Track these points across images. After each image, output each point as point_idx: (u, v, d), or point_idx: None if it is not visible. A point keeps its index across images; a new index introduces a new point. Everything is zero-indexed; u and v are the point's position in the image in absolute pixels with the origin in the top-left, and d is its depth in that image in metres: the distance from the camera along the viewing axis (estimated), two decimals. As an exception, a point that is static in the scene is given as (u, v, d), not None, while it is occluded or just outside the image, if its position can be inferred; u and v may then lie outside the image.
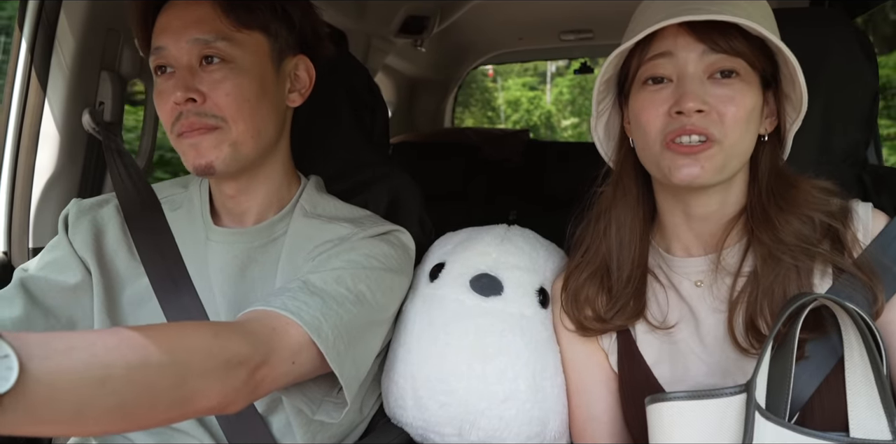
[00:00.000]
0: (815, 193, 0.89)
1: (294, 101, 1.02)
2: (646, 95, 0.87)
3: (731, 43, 0.83)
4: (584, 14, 3.03)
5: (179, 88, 0.90)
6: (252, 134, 0.94)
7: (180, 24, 0.92)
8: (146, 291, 1.01)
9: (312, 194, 1.07)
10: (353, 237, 0.98)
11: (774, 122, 0.91)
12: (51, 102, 1.26)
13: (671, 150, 0.84)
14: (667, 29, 0.85)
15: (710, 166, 0.84)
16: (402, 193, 1.26)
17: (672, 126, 0.84)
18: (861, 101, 1.11)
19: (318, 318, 0.82)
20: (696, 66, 0.84)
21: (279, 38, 0.97)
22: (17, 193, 1.28)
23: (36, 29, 1.24)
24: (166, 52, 0.93)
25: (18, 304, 0.96)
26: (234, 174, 0.98)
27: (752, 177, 0.92)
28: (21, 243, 1.28)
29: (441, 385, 1.00)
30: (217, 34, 0.91)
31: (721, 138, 0.83)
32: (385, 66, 3.14)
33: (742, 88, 0.84)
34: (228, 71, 0.92)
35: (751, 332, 0.87)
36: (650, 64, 0.87)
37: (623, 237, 0.96)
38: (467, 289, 1.03)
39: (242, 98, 0.92)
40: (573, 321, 1.00)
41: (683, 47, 0.84)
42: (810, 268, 0.86)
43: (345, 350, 0.85)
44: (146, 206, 1.06)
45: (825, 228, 0.87)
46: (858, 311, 0.78)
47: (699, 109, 0.82)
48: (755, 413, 0.75)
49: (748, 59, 0.84)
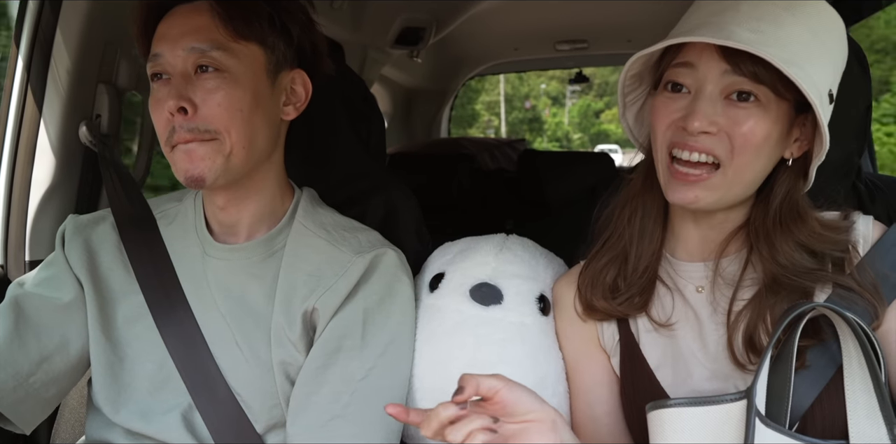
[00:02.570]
0: (819, 231, 0.87)
1: (289, 114, 1.02)
2: (662, 100, 0.87)
3: (756, 69, 0.79)
4: (578, 24, 3.06)
5: (172, 97, 0.90)
6: (244, 144, 0.93)
7: (178, 32, 0.93)
8: (141, 307, 1.00)
9: (307, 208, 1.06)
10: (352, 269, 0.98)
11: (805, 146, 0.87)
12: (48, 115, 1.26)
13: (671, 171, 0.84)
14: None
15: (705, 196, 0.84)
16: (398, 203, 1.26)
17: (676, 138, 0.84)
18: (855, 110, 1.11)
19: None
20: (715, 84, 0.82)
21: (276, 51, 0.97)
22: (13, 205, 1.27)
23: (33, 42, 1.24)
24: (162, 60, 0.93)
25: (9, 323, 0.96)
26: (225, 186, 0.97)
27: (762, 195, 0.90)
28: (17, 255, 1.27)
29: (442, 395, 0.99)
30: (213, 43, 0.92)
31: (726, 161, 0.82)
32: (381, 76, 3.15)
33: (758, 113, 0.81)
34: (222, 81, 0.92)
35: (749, 349, 0.87)
36: (674, 70, 0.85)
37: (646, 225, 0.95)
38: (467, 299, 1.03)
39: (234, 108, 0.92)
40: (583, 302, 0.99)
41: (706, 63, 0.82)
42: (812, 288, 0.86)
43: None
44: (141, 221, 1.05)
45: (830, 256, 0.86)
46: (857, 320, 0.78)
47: (705, 131, 0.81)
48: (755, 420, 0.75)
49: (773, 87, 0.80)
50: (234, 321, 0.99)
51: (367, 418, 0.94)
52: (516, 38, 3.40)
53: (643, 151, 0.98)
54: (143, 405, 0.98)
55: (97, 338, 1.00)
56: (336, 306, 0.96)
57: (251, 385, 0.98)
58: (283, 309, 0.98)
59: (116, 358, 1.00)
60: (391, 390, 0.98)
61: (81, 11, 1.23)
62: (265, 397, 0.98)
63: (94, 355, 1.00)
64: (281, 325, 0.97)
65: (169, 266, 1.00)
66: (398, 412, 0.71)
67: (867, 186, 1.17)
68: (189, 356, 0.97)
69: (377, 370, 0.96)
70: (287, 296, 0.98)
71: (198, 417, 0.97)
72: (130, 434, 0.99)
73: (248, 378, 0.98)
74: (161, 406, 0.98)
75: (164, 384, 0.99)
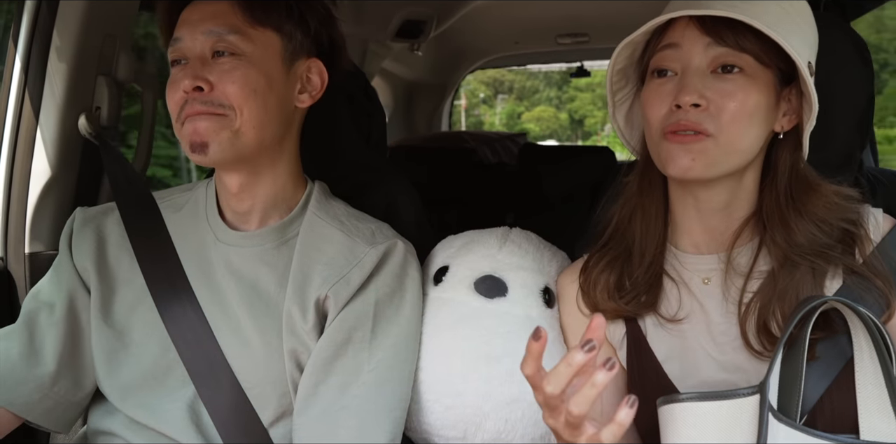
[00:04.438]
0: (836, 200, 0.88)
1: (304, 101, 1.03)
2: (652, 88, 0.88)
3: (738, 38, 0.82)
4: (580, 18, 3.04)
5: (188, 77, 0.93)
6: (254, 123, 0.95)
7: (198, 17, 0.96)
8: (145, 295, 1.00)
9: (320, 199, 1.08)
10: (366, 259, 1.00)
11: (794, 119, 0.89)
12: (47, 107, 1.25)
13: (667, 139, 0.85)
14: (678, 21, 0.86)
15: (701, 160, 0.84)
16: (399, 197, 1.26)
17: (670, 120, 0.85)
18: (857, 104, 1.11)
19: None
20: (700, 59, 0.84)
21: (293, 40, 0.99)
22: (13, 198, 1.27)
23: (32, 34, 1.23)
24: (181, 44, 0.96)
25: (25, 339, 1.00)
26: (232, 164, 0.98)
27: (769, 177, 0.91)
28: (17, 248, 1.27)
29: (447, 388, 1.00)
30: (230, 28, 0.95)
31: (716, 133, 0.83)
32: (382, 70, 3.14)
33: (745, 83, 0.84)
34: (237, 62, 0.95)
35: (763, 335, 0.86)
36: (659, 55, 0.88)
37: (648, 225, 0.96)
38: (472, 291, 1.03)
39: (249, 88, 0.94)
40: (589, 304, 0.99)
41: (690, 39, 0.85)
42: (825, 270, 0.86)
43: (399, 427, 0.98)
44: (144, 210, 1.05)
45: (841, 231, 0.87)
46: (869, 314, 0.78)
47: (696, 104, 0.83)
48: (769, 415, 0.75)
49: (756, 55, 0.83)
50: (245, 308, 0.99)
51: (374, 409, 0.95)
52: (517, 32, 3.39)
53: (636, 154, 0.99)
54: (147, 392, 0.99)
55: (99, 326, 1.01)
56: (348, 297, 0.98)
57: (261, 373, 0.98)
58: (295, 297, 0.98)
59: (121, 345, 1.01)
60: (398, 382, 0.98)
61: (80, 3, 1.22)
62: (275, 384, 0.98)
63: (97, 343, 1.01)
64: (293, 313, 0.98)
65: (173, 255, 1.01)
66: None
67: (869, 179, 1.16)
68: (192, 344, 0.97)
69: (385, 362, 0.97)
70: (300, 284, 0.99)
71: (202, 406, 0.97)
72: (133, 423, 0.99)
73: (258, 365, 0.98)
74: (166, 394, 0.98)
75: (168, 372, 0.99)
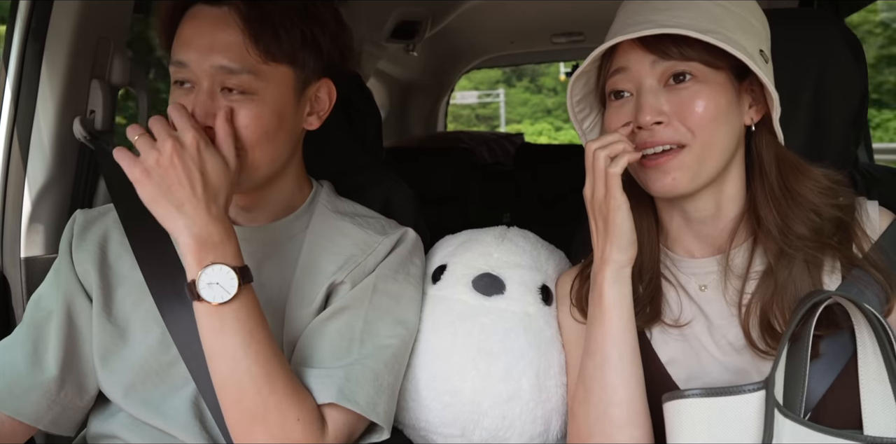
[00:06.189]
0: (825, 182, 0.88)
1: (312, 124, 1.02)
2: (612, 112, 0.89)
3: (681, 49, 0.83)
4: (574, 17, 3.05)
5: (198, 114, 0.89)
6: (266, 160, 0.95)
7: (206, 44, 0.90)
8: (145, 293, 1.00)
9: (331, 196, 1.09)
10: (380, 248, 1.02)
11: (762, 109, 0.90)
12: (41, 111, 1.25)
13: (642, 165, 0.86)
14: (622, 44, 0.86)
15: (682, 176, 0.85)
16: (395, 197, 1.26)
17: (637, 141, 0.85)
18: (851, 100, 1.11)
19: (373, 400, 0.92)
20: (650, 77, 0.85)
21: (305, 68, 0.96)
22: (8, 202, 1.26)
23: (26, 37, 1.23)
24: (187, 71, 0.91)
25: (29, 348, 1.00)
26: (243, 190, 0.99)
27: (755, 171, 0.91)
28: (13, 252, 1.27)
29: (445, 385, 1.00)
30: (243, 66, 0.90)
31: (689, 142, 0.84)
32: (377, 71, 3.14)
33: (700, 89, 0.84)
34: (248, 101, 0.91)
35: (767, 333, 0.86)
36: (611, 80, 0.89)
37: (643, 241, 0.95)
38: (470, 289, 1.04)
39: (261, 130, 0.92)
40: (584, 315, 0.98)
41: (635, 61, 0.86)
42: (821, 263, 0.86)
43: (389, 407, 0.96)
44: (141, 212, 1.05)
45: (835, 221, 0.87)
46: (872, 310, 0.78)
47: (657, 121, 0.84)
48: (775, 411, 0.75)
49: (703, 61, 0.84)
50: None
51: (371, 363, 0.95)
52: (512, 32, 3.39)
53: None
54: (150, 389, 0.99)
55: (102, 324, 1.01)
56: (360, 280, 1.00)
57: None
58: (300, 287, 0.99)
59: (122, 341, 1.01)
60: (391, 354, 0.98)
61: (74, 7, 1.21)
62: None
63: (99, 341, 1.00)
64: (295, 306, 0.99)
65: (173, 254, 1.00)
66: None
67: (864, 176, 1.17)
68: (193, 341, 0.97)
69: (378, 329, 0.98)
70: (309, 274, 1.00)
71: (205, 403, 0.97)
72: (135, 423, 0.99)
73: None
74: (168, 391, 0.98)
75: (169, 369, 0.99)
